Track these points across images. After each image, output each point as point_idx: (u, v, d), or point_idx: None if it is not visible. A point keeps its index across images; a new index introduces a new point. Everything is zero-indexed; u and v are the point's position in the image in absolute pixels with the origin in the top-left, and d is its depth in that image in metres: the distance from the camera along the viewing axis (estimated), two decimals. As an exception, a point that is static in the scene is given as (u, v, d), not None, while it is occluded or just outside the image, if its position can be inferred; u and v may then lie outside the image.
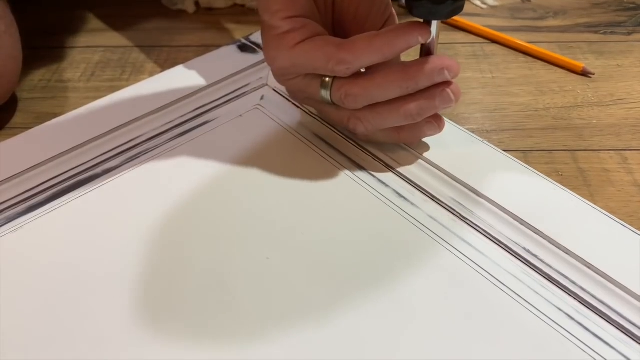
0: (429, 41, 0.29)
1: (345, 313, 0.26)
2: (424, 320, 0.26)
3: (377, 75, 0.30)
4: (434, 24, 0.29)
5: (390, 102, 0.30)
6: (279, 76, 0.33)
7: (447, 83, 0.30)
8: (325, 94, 0.31)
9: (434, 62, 0.29)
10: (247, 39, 0.41)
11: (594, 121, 0.39)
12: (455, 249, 0.29)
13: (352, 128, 0.32)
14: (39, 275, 0.28)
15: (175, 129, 0.36)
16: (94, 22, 0.50)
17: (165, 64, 0.45)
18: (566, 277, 0.27)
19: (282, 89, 0.38)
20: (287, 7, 0.30)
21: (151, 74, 0.43)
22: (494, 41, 0.47)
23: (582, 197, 0.30)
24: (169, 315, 0.26)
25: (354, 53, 0.29)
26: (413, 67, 0.29)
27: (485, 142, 0.33)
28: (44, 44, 0.47)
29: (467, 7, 0.50)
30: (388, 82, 0.29)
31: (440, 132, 0.32)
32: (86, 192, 0.32)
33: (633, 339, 0.25)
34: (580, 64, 0.43)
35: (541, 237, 0.28)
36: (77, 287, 0.28)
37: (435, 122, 0.32)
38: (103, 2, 0.53)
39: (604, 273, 0.26)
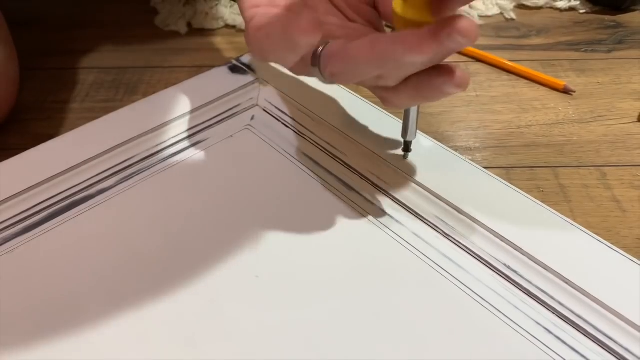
0: None
1: (327, 328, 0.27)
2: (404, 336, 0.27)
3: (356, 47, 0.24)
4: None
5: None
6: None
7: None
8: (316, 71, 0.27)
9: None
10: (238, 60, 0.42)
11: (575, 138, 0.40)
12: (438, 265, 0.30)
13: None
14: (34, 296, 0.29)
15: (168, 150, 0.37)
16: (88, 43, 0.51)
17: (158, 85, 0.46)
18: (545, 292, 0.28)
19: (272, 109, 0.39)
20: None
21: (144, 95, 0.44)
22: (478, 60, 0.48)
23: (563, 212, 0.31)
24: (162, 334, 0.27)
25: None
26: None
27: (467, 160, 0.34)
28: (39, 65, 0.48)
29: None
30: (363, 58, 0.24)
31: (457, 86, 0.25)
32: (81, 212, 0.33)
33: (610, 353, 0.26)
34: (562, 82, 0.44)
35: (521, 253, 0.29)
36: (71, 307, 0.28)
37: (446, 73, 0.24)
38: (97, 24, 0.54)
39: (582, 288, 0.27)
